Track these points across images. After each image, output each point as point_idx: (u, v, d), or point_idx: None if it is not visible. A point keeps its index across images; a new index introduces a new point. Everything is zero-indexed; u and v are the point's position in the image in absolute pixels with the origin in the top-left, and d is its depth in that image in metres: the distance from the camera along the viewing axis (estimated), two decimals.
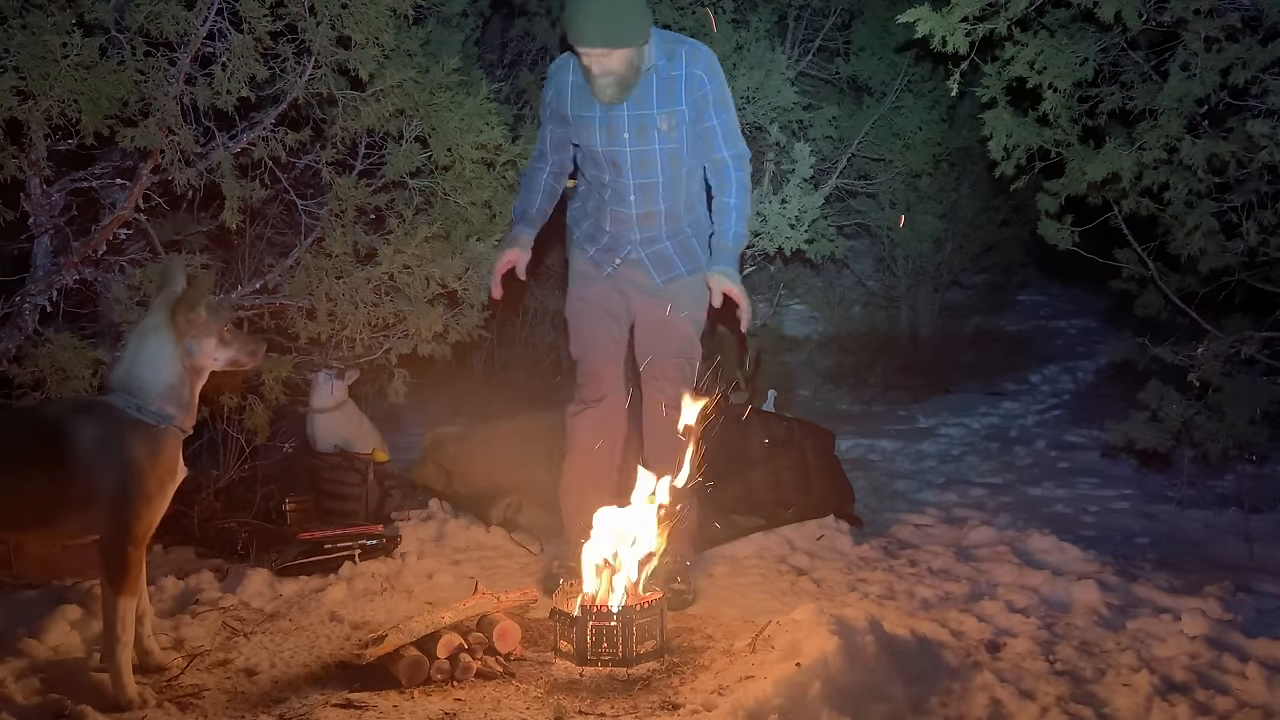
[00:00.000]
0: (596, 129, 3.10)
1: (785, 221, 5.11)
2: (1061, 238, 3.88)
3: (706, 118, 3.09)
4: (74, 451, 2.21)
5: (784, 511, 3.92)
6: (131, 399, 2.29)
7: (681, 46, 3.06)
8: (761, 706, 2.21)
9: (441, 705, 2.36)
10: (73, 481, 2.21)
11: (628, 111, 3.05)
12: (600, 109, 3.07)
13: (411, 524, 3.82)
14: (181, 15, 2.85)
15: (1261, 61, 3.13)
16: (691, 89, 3.05)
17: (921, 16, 3.47)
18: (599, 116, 3.08)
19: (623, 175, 3.13)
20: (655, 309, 3.22)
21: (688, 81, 3.04)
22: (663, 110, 3.05)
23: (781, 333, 7.36)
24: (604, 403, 3.22)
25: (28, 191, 3.00)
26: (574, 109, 3.11)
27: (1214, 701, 2.41)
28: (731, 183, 3.12)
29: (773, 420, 4.27)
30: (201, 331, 2.37)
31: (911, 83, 5.85)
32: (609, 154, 3.11)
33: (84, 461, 2.22)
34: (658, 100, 3.04)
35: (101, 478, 2.23)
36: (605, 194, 3.19)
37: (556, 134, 3.22)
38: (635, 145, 3.08)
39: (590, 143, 3.13)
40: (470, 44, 4.34)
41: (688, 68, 3.04)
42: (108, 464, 2.23)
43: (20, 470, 2.20)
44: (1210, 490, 4.30)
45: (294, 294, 3.45)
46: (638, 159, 3.10)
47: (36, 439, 2.23)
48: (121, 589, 2.27)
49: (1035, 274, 8.15)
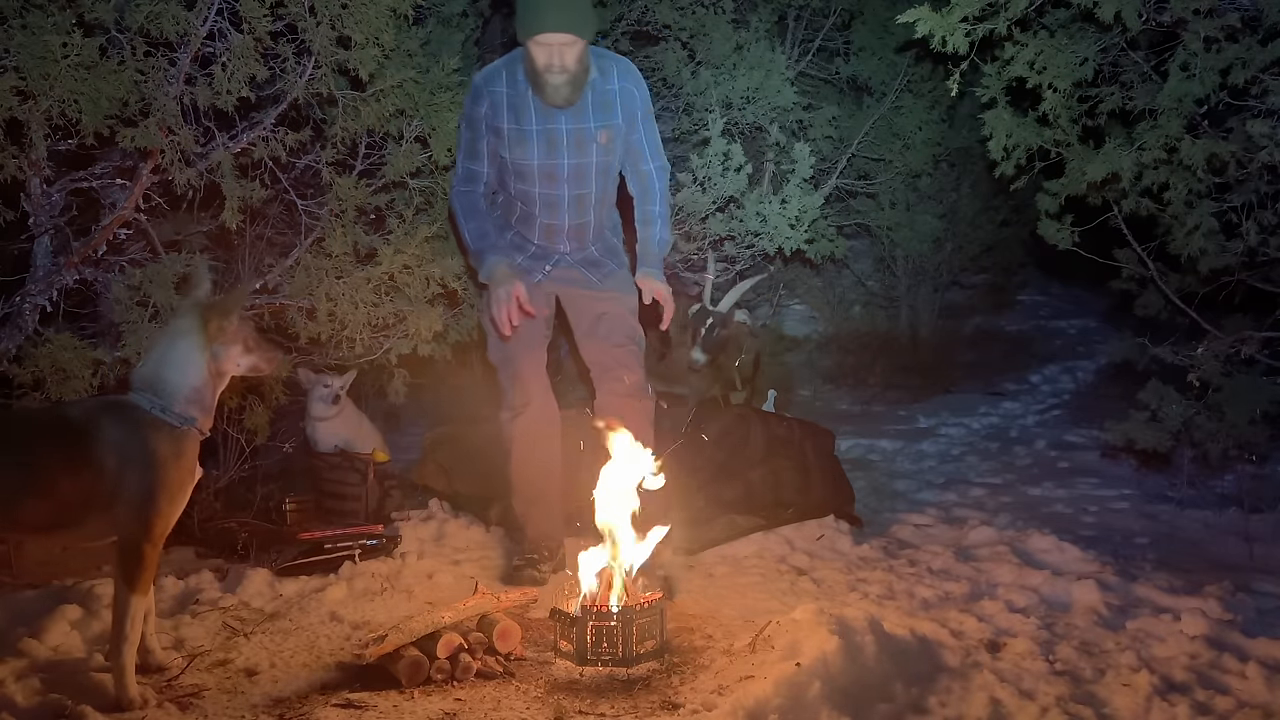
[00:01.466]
0: (534, 142, 3.08)
1: (785, 221, 5.11)
2: (1061, 238, 3.88)
3: (635, 130, 3.16)
4: (100, 452, 2.23)
5: (784, 511, 3.92)
6: (156, 400, 2.32)
7: (611, 60, 3.12)
8: (761, 706, 2.21)
9: (441, 705, 2.36)
10: (99, 482, 2.23)
11: (565, 125, 3.07)
12: (538, 122, 3.06)
13: (411, 524, 3.82)
14: (181, 15, 2.85)
15: (1261, 61, 3.13)
16: (626, 103, 3.11)
17: (921, 16, 3.47)
18: (536, 130, 3.07)
19: (557, 188, 3.14)
20: (596, 304, 3.28)
21: (621, 95, 3.10)
22: (600, 124, 3.09)
23: (781, 333, 7.36)
24: (532, 407, 3.24)
25: (28, 191, 3.00)
26: (510, 122, 3.07)
27: (1214, 701, 2.41)
28: (656, 193, 3.21)
29: (773, 420, 4.27)
30: (230, 339, 2.42)
31: (911, 83, 5.86)
32: (545, 168, 3.11)
33: (110, 462, 2.24)
34: (594, 114, 3.08)
35: (127, 478, 2.25)
36: (534, 207, 3.19)
37: (489, 149, 3.12)
38: (573, 159, 3.11)
39: (525, 157, 3.10)
40: (470, 44, 4.34)
41: (620, 81, 3.10)
42: (133, 464, 2.26)
43: (48, 471, 2.21)
44: (1210, 490, 4.30)
45: (294, 294, 3.45)
46: (574, 172, 3.13)
47: (64, 440, 2.24)
48: (136, 587, 2.28)
49: (1035, 274, 8.16)
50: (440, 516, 3.93)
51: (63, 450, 2.23)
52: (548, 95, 2.99)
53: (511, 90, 3.05)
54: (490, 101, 3.07)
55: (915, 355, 7.14)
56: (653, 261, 3.19)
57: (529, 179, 3.13)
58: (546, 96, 3.00)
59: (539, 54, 2.94)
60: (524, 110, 3.05)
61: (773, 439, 4.09)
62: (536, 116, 3.05)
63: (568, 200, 3.16)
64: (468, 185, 3.15)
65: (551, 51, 2.93)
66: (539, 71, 2.96)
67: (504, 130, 3.08)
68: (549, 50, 2.93)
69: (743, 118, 5.29)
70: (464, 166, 3.15)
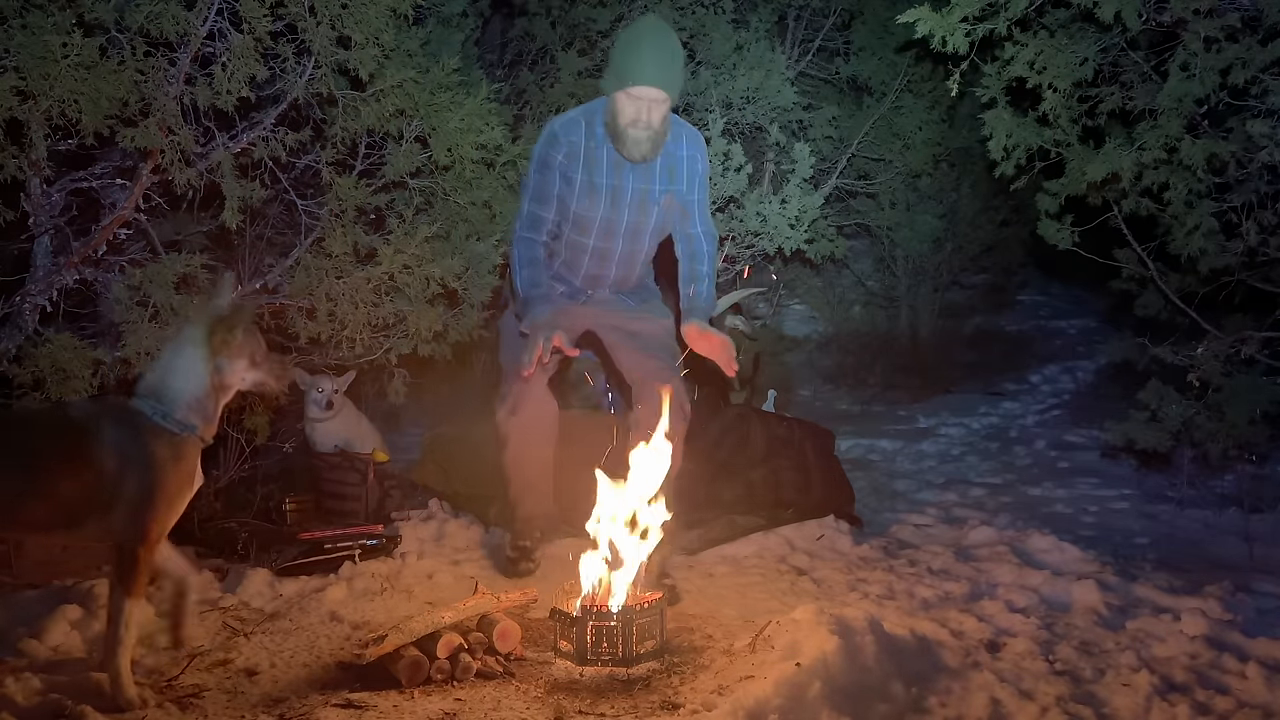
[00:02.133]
0: (603, 196, 3.10)
1: (785, 221, 5.11)
2: (1061, 238, 3.88)
3: (691, 194, 3.19)
4: (101, 454, 2.25)
5: (784, 511, 3.92)
6: (158, 406, 2.33)
7: (681, 127, 3.17)
8: (761, 706, 2.21)
9: (441, 705, 2.36)
10: (99, 484, 2.24)
11: (633, 183, 3.11)
12: (609, 177, 3.09)
13: (411, 524, 3.82)
14: (181, 15, 2.84)
15: (1261, 61, 3.13)
16: (690, 170, 3.17)
17: (921, 16, 3.47)
18: (607, 184, 3.10)
19: (612, 242, 3.18)
20: (633, 323, 3.30)
21: (688, 163, 3.16)
22: (665, 188, 3.14)
23: (781, 333, 7.36)
24: (530, 404, 3.22)
25: (28, 191, 3.00)
26: (583, 173, 3.08)
27: (1214, 701, 2.41)
28: (705, 256, 3.21)
29: (773, 420, 4.27)
30: (235, 353, 2.43)
31: (911, 83, 5.86)
32: (606, 222, 3.15)
33: (110, 464, 2.25)
34: (661, 177, 3.12)
35: (126, 480, 2.26)
36: (584, 257, 3.22)
37: (560, 196, 3.11)
38: (633, 216, 3.15)
39: (591, 210, 3.12)
40: (470, 44, 4.35)
41: (688, 149, 3.16)
42: (132, 467, 2.27)
43: (50, 472, 2.22)
44: (1210, 490, 4.29)
45: (294, 294, 3.45)
46: (631, 229, 3.17)
47: (65, 442, 2.26)
48: (131, 590, 2.28)
49: (1035, 274, 8.16)
50: (440, 516, 3.93)
51: (64, 452, 2.24)
52: (628, 149, 3.02)
53: (589, 141, 3.08)
54: (567, 150, 3.07)
55: (915, 355, 7.14)
56: (700, 315, 3.14)
57: (587, 231, 3.17)
58: (626, 150, 3.03)
59: (628, 107, 2.97)
60: (597, 164, 3.08)
61: (773, 439, 4.10)
62: (608, 171, 3.09)
63: (619, 255, 3.22)
64: (531, 232, 3.10)
65: (641, 106, 2.96)
66: (623, 125, 2.99)
67: (576, 180, 3.09)
68: (639, 105, 2.96)
69: (743, 118, 5.29)
70: (530, 210, 3.11)
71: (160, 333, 3.08)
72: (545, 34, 5.00)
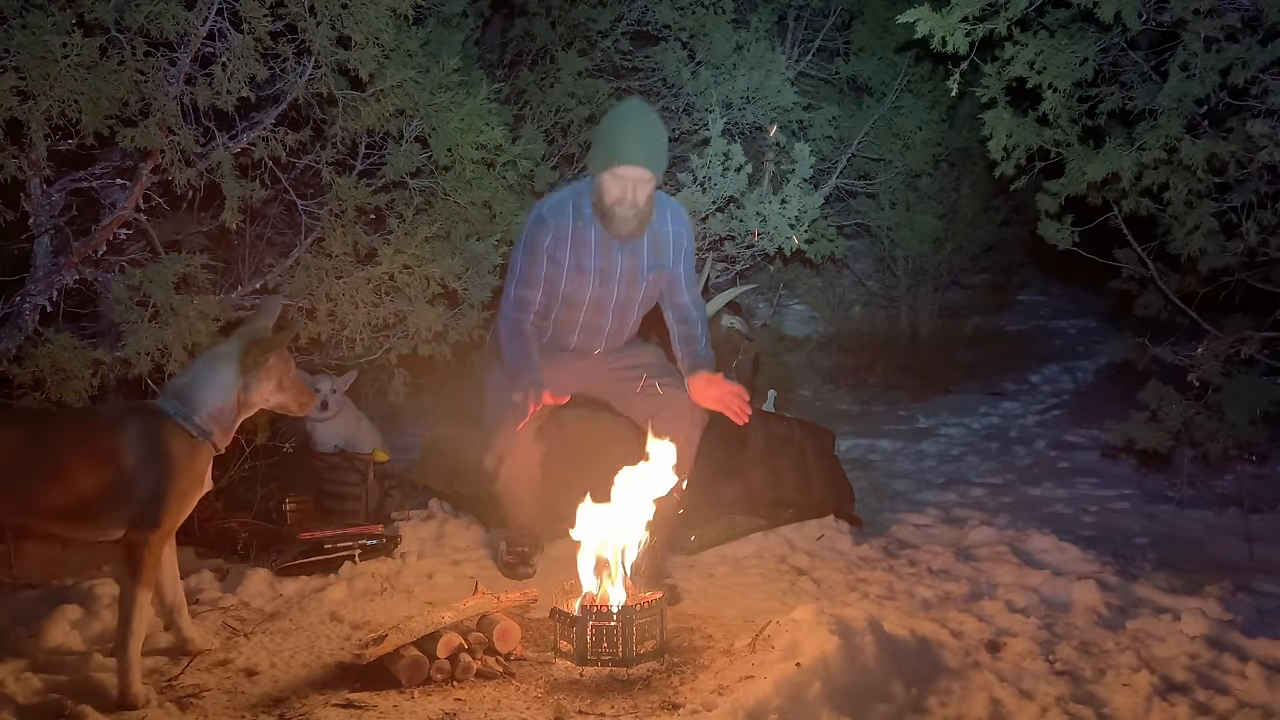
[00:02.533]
0: (591, 276, 3.15)
1: (785, 221, 5.11)
2: (1061, 238, 3.88)
3: (677, 265, 3.24)
4: (120, 449, 2.35)
5: (784, 511, 3.92)
6: (181, 407, 2.43)
7: (664, 202, 3.21)
8: (761, 706, 2.21)
9: (441, 705, 2.36)
10: (118, 477, 2.34)
11: (622, 260, 3.16)
12: (597, 257, 3.13)
13: (411, 524, 3.82)
14: (181, 15, 2.84)
15: (1261, 61, 3.13)
16: (675, 245, 3.21)
17: (921, 16, 3.47)
18: (595, 264, 3.14)
19: (602, 318, 3.22)
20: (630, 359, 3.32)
21: (674, 239, 3.21)
22: (653, 264, 3.19)
23: (781, 333, 7.37)
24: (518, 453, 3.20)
25: (28, 191, 3.00)
26: (570, 255, 3.12)
27: (1214, 701, 2.41)
28: (697, 320, 3.25)
29: (773, 420, 4.26)
30: (265, 375, 2.54)
31: (911, 83, 5.86)
32: (596, 299, 3.19)
33: (128, 458, 2.35)
34: (649, 253, 3.18)
35: (142, 474, 2.36)
36: (574, 331, 3.25)
37: (548, 278, 3.14)
38: (622, 293, 3.20)
39: (581, 290, 3.16)
40: (470, 44, 4.34)
41: (673, 225, 3.21)
42: (148, 462, 2.37)
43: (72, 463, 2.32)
44: (1210, 490, 4.29)
45: (294, 294, 3.44)
46: (620, 305, 3.22)
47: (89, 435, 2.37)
48: (141, 581, 2.36)
49: (1035, 274, 8.16)
50: (440, 516, 3.93)
51: (87, 444, 2.35)
52: (615, 226, 3.06)
53: (577, 221, 3.12)
54: (555, 233, 3.11)
55: (915, 355, 7.14)
56: (704, 368, 3.15)
57: (577, 308, 3.20)
58: (614, 228, 3.07)
59: (613, 186, 3.02)
60: (585, 244, 3.12)
61: (773, 439, 4.09)
62: (596, 251, 3.13)
63: (609, 329, 3.26)
64: (519, 312, 3.13)
65: (627, 185, 3.01)
66: (610, 204, 3.04)
67: (564, 262, 3.13)
68: (624, 184, 3.01)
69: (743, 118, 5.29)
70: (517, 293, 3.14)
71: (160, 332, 3.08)
72: (545, 34, 5.00)
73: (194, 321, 3.13)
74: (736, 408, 3.03)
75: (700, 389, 3.09)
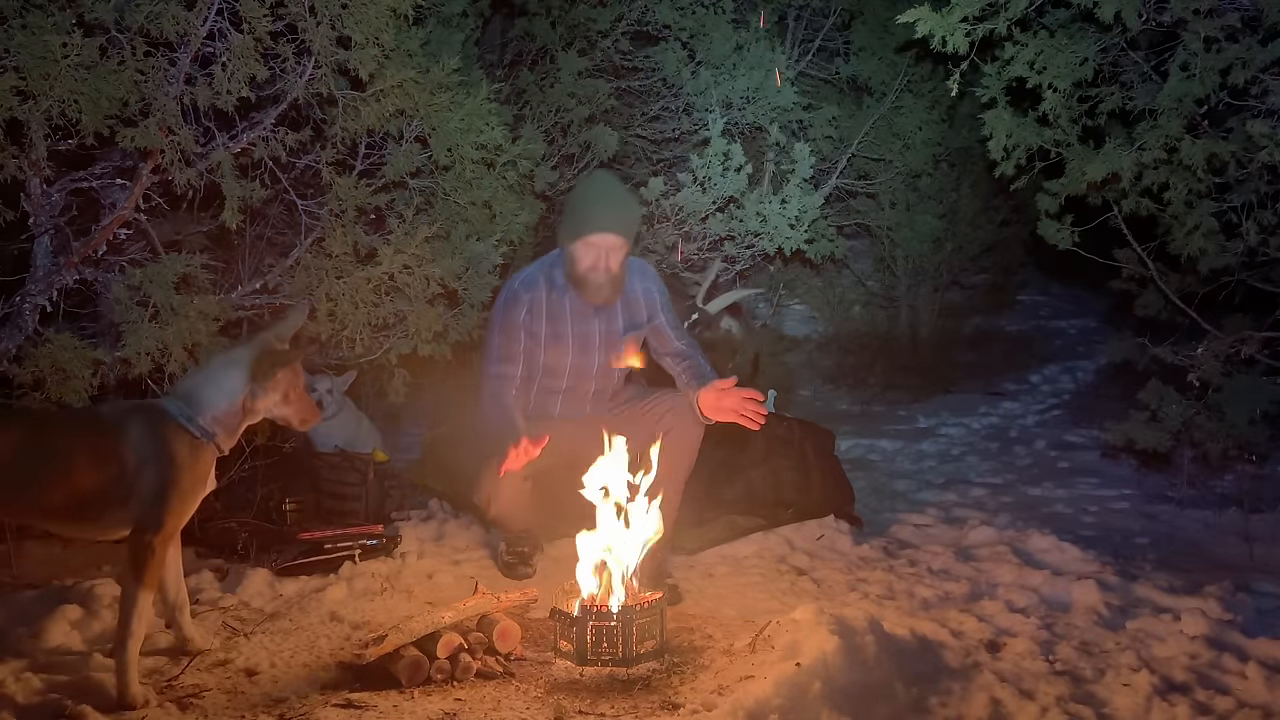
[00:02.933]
0: (570, 345, 3.19)
1: (785, 221, 5.11)
2: (1061, 238, 3.88)
3: (657, 318, 3.29)
4: (123, 448, 2.38)
5: (784, 511, 3.92)
6: (185, 408, 2.47)
7: (630, 264, 3.23)
8: (761, 706, 2.21)
9: (441, 705, 2.36)
10: (121, 476, 2.37)
11: (599, 326, 3.21)
12: (574, 324, 3.18)
13: (411, 524, 3.82)
14: (181, 15, 2.84)
15: (1261, 61, 3.13)
16: (649, 302, 3.27)
17: (921, 16, 3.47)
18: (573, 332, 3.18)
19: (586, 383, 3.26)
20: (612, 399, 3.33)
21: (645, 295, 3.26)
22: (629, 325, 3.24)
23: (781, 333, 7.36)
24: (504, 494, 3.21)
25: (28, 191, 2.99)
26: (547, 326, 3.16)
27: (1214, 701, 2.41)
28: (695, 354, 3.25)
29: (773, 420, 4.26)
30: (272, 386, 2.56)
31: (911, 83, 5.86)
32: (578, 367, 3.23)
33: (131, 458, 2.38)
34: (623, 316, 3.23)
35: (144, 473, 2.38)
36: (557, 398, 3.28)
37: (525, 351, 3.17)
38: (603, 358, 3.24)
39: (561, 359, 3.20)
40: (470, 44, 4.34)
41: (641, 283, 3.26)
42: (150, 461, 2.39)
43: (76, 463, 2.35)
44: (1210, 490, 4.29)
45: (294, 294, 3.44)
46: (602, 369, 3.26)
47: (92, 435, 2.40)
48: (144, 581, 2.37)
49: (1035, 274, 8.16)
50: (440, 516, 3.93)
51: (90, 444, 2.38)
52: (591, 293, 3.11)
53: (550, 293, 3.17)
54: (530, 307, 3.16)
55: (915, 355, 7.14)
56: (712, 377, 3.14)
57: (559, 376, 3.24)
58: (589, 295, 3.11)
59: (586, 255, 3.07)
60: (560, 314, 3.17)
61: (773, 439, 4.09)
62: (572, 319, 3.17)
63: (594, 391, 3.29)
64: (499, 387, 3.16)
65: (599, 253, 3.06)
66: (582, 272, 3.08)
67: (541, 335, 3.17)
68: (597, 252, 3.06)
69: (743, 118, 5.29)
70: (496, 370, 3.17)
71: (160, 332, 3.08)
72: (545, 34, 5.00)
73: (194, 321, 3.13)
74: (751, 413, 3.01)
75: (712, 401, 3.07)
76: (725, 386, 3.03)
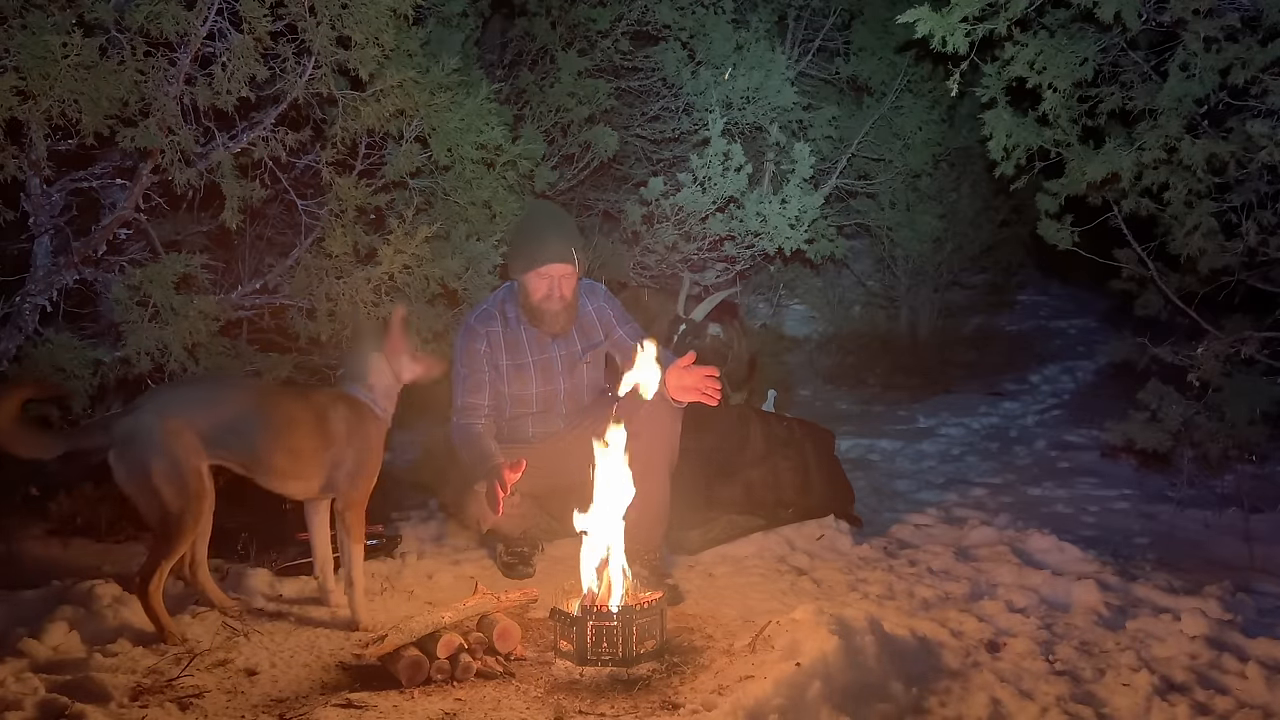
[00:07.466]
0: (533, 374, 3.23)
1: (785, 221, 5.11)
2: (1061, 238, 3.88)
3: (614, 332, 3.31)
4: (335, 425, 2.85)
5: (784, 511, 3.92)
6: (370, 395, 2.92)
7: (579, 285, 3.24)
8: (761, 706, 2.21)
9: (441, 705, 2.36)
10: (330, 446, 2.83)
11: (558, 351, 3.24)
12: (533, 353, 3.22)
13: (411, 524, 3.82)
14: (181, 15, 2.84)
15: (1261, 61, 3.13)
16: (602, 320, 3.30)
17: (921, 16, 3.47)
18: (534, 361, 3.22)
19: (555, 407, 3.29)
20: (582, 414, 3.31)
21: (598, 314, 3.30)
22: (587, 345, 3.28)
23: (781, 333, 7.37)
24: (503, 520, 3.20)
25: (28, 191, 3.00)
26: (507, 358, 3.20)
27: (1214, 701, 2.41)
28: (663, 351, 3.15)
29: (773, 420, 4.27)
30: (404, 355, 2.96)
31: (911, 83, 5.87)
32: (543, 395, 3.26)
33: (341, 432, 2.84)
34: (580, 338, 3.27)
35: (349, 447, 2.85)
36: (529, 424, 3.29)
37: (490, 384, 3.20)
38: (567, 382, 3.28)
39: (526, 388, 3.24)
40: (470, 44, 4.34)
41: (591, 303, 3.31)
42: (354, 437, 2.86)
43: (301, 433, 2.80)
44: (1210, 490, 4.29)
45: (294, 294, 3.45)
46: (569, 393, 3.29)
47: (311, 412, 2.84)
48: (355, 537, 2.84)
49: (1035, 274, 8.17)
50: (440, 516, 3.93)
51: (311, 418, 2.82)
52: (547, 324, 3.16)
53: (505, 327, 3.21)
54: (488, 341, 3.20)
55: (915, 355, 7.14)
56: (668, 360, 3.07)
57: (526, 404, 3.27)
58: (545, 325, 3.16)
59: (539, 286, 3.11)
60: (518, 346, 3.22)
61: (773, 439, 4.09)
62: (531, 349, 3.22)
63: (564, 417, 3.31)
64: (467, 419, 3.19)
65: (552, 283, 3.10)
66: (537, 303, 3.12)
67: (502, 366, 3.21)
68: (550, 281, 3.10)
69: (743, 118, 5.29)
70: (464, 401, 3.20)
71: (160, 332, 3.08)
72: (545, 34, 5.00)
73: (194, 321, 3.14)
74: (709, 389, 2.98)
75: (676, 381, 3.02)
76: (686, 364, 3.00)
